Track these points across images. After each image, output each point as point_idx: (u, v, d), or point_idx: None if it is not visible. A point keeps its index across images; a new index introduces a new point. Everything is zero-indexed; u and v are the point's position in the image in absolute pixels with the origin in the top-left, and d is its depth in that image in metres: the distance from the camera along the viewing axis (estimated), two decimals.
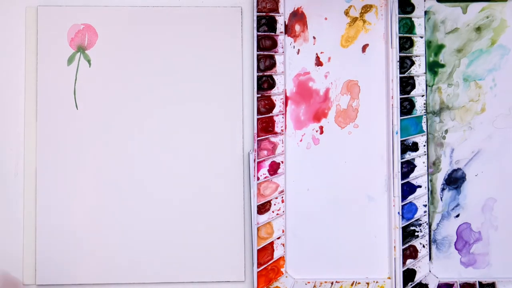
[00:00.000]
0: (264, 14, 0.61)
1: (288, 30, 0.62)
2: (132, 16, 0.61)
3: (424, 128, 0.61)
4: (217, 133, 0.61)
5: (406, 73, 0.61)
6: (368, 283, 0.60)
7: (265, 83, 0.61)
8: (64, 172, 0.60)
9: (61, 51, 0.61)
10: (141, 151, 0.61)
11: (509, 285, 0.60)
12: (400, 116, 0.61)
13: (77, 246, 0.60)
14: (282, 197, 0.60)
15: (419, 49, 0.61)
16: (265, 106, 0.61)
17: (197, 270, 0.60)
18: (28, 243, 0.60)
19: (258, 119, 0.60)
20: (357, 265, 0.61)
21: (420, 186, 0.61)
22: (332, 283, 0.60)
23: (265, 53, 0.61)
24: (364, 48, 0.62)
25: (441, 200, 0.62)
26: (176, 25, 0.61)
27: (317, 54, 0.62)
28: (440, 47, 0.62)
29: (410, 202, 0.61)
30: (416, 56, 0.61)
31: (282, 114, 0.61)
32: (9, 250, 0.60)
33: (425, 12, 0.62)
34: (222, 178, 0.61)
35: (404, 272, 0.60)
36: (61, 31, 0.61)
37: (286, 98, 0.62)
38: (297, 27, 0.62)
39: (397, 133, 0.60)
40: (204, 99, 0.61)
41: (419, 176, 0.61)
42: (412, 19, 0.61)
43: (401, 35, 0.61)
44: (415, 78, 0.61)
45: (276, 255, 0.60)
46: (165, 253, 0.60)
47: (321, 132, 0.62)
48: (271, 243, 0.60)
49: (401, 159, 0.60)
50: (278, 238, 0.60)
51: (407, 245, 0.60)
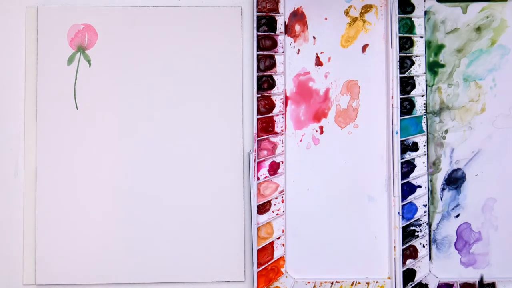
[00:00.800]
0: (264, 14, 0.61)
1: (288, 30, 0.62)
2: (132, 16, 0.61)
3: (424, 128, 0.61)
4: (217, 133, 0.61)
5: (406, 73, 0.61)
6: (368, 283, 0.60)
7: (265, 83, 0.61)
8: (64, 172, 0.60)
9: (61, 51, 0.61)
10: (141, 151, 0.61)
11: (509, 285, 0.60)
12: (400, 116, 0.61)
13: (77, 246, 0.60)
14: (282, 197, 0.60)
15: (419, 49, 0.61)
16: (265, 106, 0.61)
17: (197, 270, 0.60)
18: (28, 243, 0.60)
19: (258, 119, 0.60)
20: (357, 265, 0.61)
21: (420, 186, 0.61)
22: (332, 283, 0.60)
23: (265, 53, 0.61)
24: (364, 48, 0.62)
25: (441, 200, 0.62)
26: (176, 25, 0.61)
27: (317, 54, 0.62)
28: (440, 47, 0.62)
29: (410, 202, 0.61)
30: (416, 56, 0.61)
31: (282, 114, 0.61)
32: (9, 250, 0.60)
33: (425, 12, 0.62)
34: (222, 178, 0.61)
35: (404, 272, 0.60)
36: (61, 31, 0.61)
37: (286, 98, 0.62)
38: (297, 27, 0.62)
39: (397, 133, 0.60)
40: (204, 99, 0.61)
41: (419, 176, 0.61)
42: (412, 19, 0.61)
43: (401, 35, 0.61)
44: (415, 78, 0.61)
45: (276, 255, 0.60)
46: (165, 253, 0.60)
47: (321, 132, 0.62)
48: (271, 243, 0.60)
49: (401, 159, 0.60)
50: (278, 238, 0.60)
51: (407, 245, 0.60)
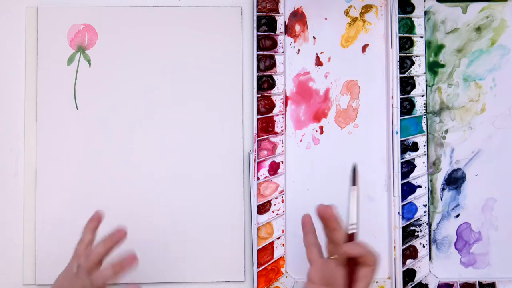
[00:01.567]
0: (264, 14, 0.61)
1: (288, 30, 0.62)
2: (132, 16, 0.61)
3: (424, 128, 0.61)
4: (217, 133, 0.61)
5: (406, 73, 0.61)
6: None
7: (265, 83, 0.61)
8: (64, 172, 0.60)
9: (61, 51, 0.61)
10: (141, 151, 0.61)
11: (509, 285, 0.60)
12: (400, 116, 0.61)
13: None
14: (282, 197, 0.60)
15: (419, 49, 0.61)
16: (265, 106, 0.61)
17: (197, 270, 0.60)
18: (28, 243, 0.60)
19: (258, 119, 0.60)
20: None
21: (420, 186, 0.61)
22: None
23: (265, 53, 0.61)
24: (364, 48, 0.62)
25: (441, 200, 0.62)
26: (176, 25, 0.61)
27: (317, 54, 0.62)
28: (440, 47, 0.62)
29: (410, 202, 0.61)
30: (416, 56, 0.61)
31: (282, 114, 0.61)
32: (9, 250, 0.60)
33: (425, 12, 0.62)
34: (222, 178, 0.61)
35: (404, 272, 0.60)
36: (61, 31, 0.61)
37: (286, 98, 0.62)
38: (297, 27, 0.62)
39: (397, 133, 0.60)
40: (204, 99, 0.61)
41: (419, 176, 0.61)
42: (412, 19, 0.61)
43: (401, 35, 0.61)
44: (415, 78, 0.61)
45: (276, 255, 0.60)
46: (165, 253, 0.60)
47: (321, 132, 0.62)
48: (271, 243, 0.60)
49: (401, 159, 0.60)
50: (278, 238, 0.60)
51: (407, 245, 0.60)
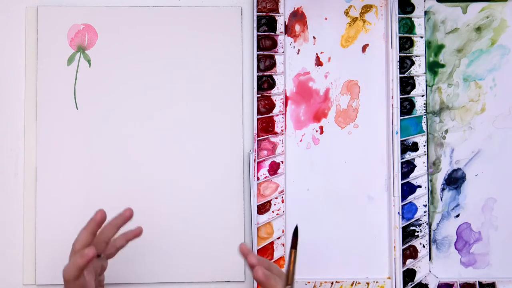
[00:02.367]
0: (264, 14, 0.61)
1: (288, 30, 0.62)
2: (132, 16, 0.61)
3: (424, 128, 0.61)
4: (217, 133, 0.61)
5: (406, 73, 0.61)
6: (368, 283, 0.60)
7: (265, 83, 0.61)
8: (64, 172, 0.60)
9: (61, 51, 0.61)
10: (141, 151, 0.61)
11: (509, 285, 0.60)
12: (400, 116, 0.61)
13: None
14: (282, 197, 0.60)
15: (419, 49, 0.61)
16: (265, 106, 0.61)
17: (197, 270, 0.60)
18: (28, 243, 0.60)
19: (258, 119, 0.60)
20: (357, 265, 0.61)
21: (420, 186, 0.61)
22: (332, 283, 0.60)
23: (265, 53, 0.61)
24: (364, 48, 0.62)
25: (441, 200, 0.62)
26: (176, 25, 0.61)
27: (317, 54, 0.62)
28: (440, 47, 0.62)
29: (410, 202, 0.61)
30: (416, 56, 0.61)
31: (282, 114, 0.61)
32: (9, 250, 0.60)
33: (425, 12, 0.62)
34: (222, 178, 0.61)
35: (404, 272, 0.60)
36: (61, 31, 0.61)
37: (286, 98, 0.62)
38: (297, 27, 0.62)
39: (397, 133, 0.60)
40: (204, 99, 0.61)
41: (419, 176, 0.61)
42: (412, 19, 0.61)
43: (401, 35, 0.61)
44: (415, 78, 0.61)
45: (276, 255, 0.60)
46: (165, 253, 0.60)
47: (321, 132, 0.62)
48: (271, 243, 0.60)
49: (401, 159, 0.60)
50: (278, 238, 0.60)
51: (407, 245, 0.60)
